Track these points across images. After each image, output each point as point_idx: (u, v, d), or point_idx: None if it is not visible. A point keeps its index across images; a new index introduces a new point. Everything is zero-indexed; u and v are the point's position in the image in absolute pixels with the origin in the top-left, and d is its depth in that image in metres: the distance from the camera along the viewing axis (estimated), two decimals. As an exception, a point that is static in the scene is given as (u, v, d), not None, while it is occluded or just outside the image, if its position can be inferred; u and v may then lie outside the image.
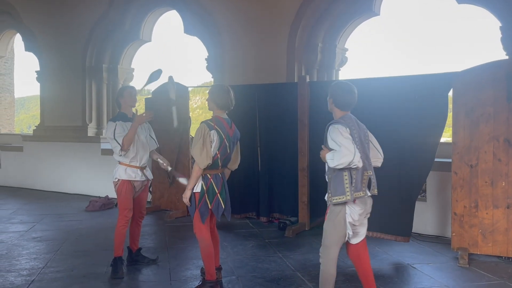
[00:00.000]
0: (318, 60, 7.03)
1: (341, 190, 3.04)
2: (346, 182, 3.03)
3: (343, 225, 3.09)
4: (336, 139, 3.00)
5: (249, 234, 5.68)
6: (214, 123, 3.58)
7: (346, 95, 3.17)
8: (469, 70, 4.64)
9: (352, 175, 3.03)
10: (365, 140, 3.20)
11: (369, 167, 3.15)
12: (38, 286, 3.89)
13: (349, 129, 3.05)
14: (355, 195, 3.05)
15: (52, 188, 9.03)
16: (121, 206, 4.19)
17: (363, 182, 3.11)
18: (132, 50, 9.41)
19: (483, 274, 4.21)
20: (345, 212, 3.07)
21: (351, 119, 3.17)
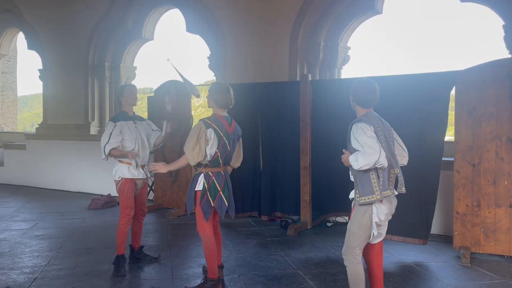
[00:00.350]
0: (320, 59, 7.01)
1: (369, 190, 2.94)
2: (374, 181, 2.94)
3: (369, 225, 3.00)
4: (359, 138, 2.91)
5: (251, 233, 5.68)
6: (211, 121, 3.59)
7: (367, 93, 3.10)
8: (472, 68, 4.63)
9: (379, 173, 2.94)
10: (390, 138, 3.11)
11: (395, 165, 3.06)
12: (40, 283, 3.91)
13: (373, 127, 2.96)
14: (384, 194, 2.96)
15: (54, 186, 9.06)
16: (123, 205, 4.21)
17: (390, 180, 3.03)
18: (135, 48, 9.41)
19: (485, 273, 4.21)
20: (372, 212, 2.98)
21: (375, 116, 3.09)
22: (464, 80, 4.63)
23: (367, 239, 3.05)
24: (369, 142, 2.87)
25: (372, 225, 3.01)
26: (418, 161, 4.80)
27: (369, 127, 2.94)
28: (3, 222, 6.24)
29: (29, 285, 3.87)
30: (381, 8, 6.83)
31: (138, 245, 4.49)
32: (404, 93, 4.93)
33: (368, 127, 2.94)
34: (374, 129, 2.97)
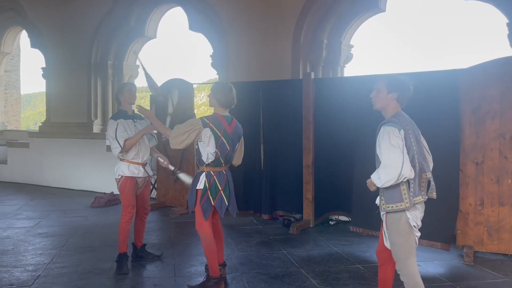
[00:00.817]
0: (323, 57, 7.00)
1: (398, 197, 2.76)
2: (403, 187, 2.75)
3: (409, 230, 2.79)
4: (382, 145, 2.75)
5: (253, 231, 5.68)
6: (209, 120, 3.59)
7: (407, 90, 2.90)
8: (476, 67, 4.61)
9: (410, 180, 2.76)
10: (420, 139, 2.93)
11: (427, 168, 2.86)
12: (43, 281, 3.92)
13: (403, 131, 2.75)
14: (414, 200, 2.77)
15: (57, 184, 9.08)
16: (124, 203, 4.22)
17: (422, 185, 2.83)
18: (137, 47, 9.42)
19: (488, 272, 4.19)
20: (407, 217, 2.78)
21: (405, 116, 2.89)
22: (467, 78, 4.61)
23: (414, 245, 2.82)
24: (391, 153, 2.70)
25: (412, 229, 2.80)
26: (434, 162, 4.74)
27: (398, 131, 2.73)
28: (6, 220, 6.26)
29: (32, 282, 3.88)
30: (384, 6, 6.81)
31: (141, 243, 4.50)
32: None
33: (397, 131, 2.73)
34: (404, 133, 2.76)
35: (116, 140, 4.10)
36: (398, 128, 2.75)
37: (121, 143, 4.09)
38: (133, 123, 4.27)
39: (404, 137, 2.75)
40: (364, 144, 5.32)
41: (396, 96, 2.87)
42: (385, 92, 2.89)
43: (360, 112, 5.35)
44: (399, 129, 2.75)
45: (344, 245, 5.05)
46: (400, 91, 2.88)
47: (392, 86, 2.88)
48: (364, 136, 5.31)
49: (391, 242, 2.86)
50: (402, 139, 2.73)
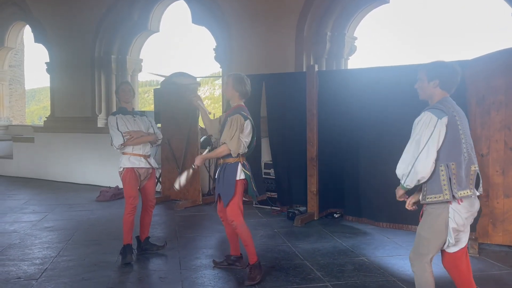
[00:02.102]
0: (327, 49, 6.97)
1: (437, 188, 2.53)
2: (443, 177, 2.52)
3: (444, 230, 2.57)
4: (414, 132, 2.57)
5: (258, 224, 5.70)
6: (247, 113, 3.73)
7: (455, 76, 2.68)
8: (480, 58, 4.57)
9: (451, 169, 2.52)
10: (468, 129, 2.69)
11: (475, 160, 2.64)
12: (50, 274, 3.96)
13: (446, 117, 2.53)
14: (460, 194, 2.53)
15: (63, 179, 9.13)
16: (126, 194, 4.27)
17: (470, 178, 2.58)
18: (141, 41, 9.42)
19: (493, 264, 4.19)
20: (448, 216, 2.55)
21: (452, 103, 2.65)
22: (472, 69, 4.57)
23: (441, 246, 2.64)
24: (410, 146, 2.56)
25: (448, 231, 2.57)
26: None
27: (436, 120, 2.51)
28: (13, 214, 6.31)
29: (40, 276, 3.92)
30: (388, -3, 6.77)
31: (145, 235, 4.53)
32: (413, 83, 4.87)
33: (435, 120, 2.51)
34: (448, 119, 2.53)
35: (118, 131, 4.17)
36: (438, 116, 2.52)
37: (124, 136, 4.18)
38: (132, 118, 4.33)
39: (447, 124, 2.53)
40: (369, 135, 5.32)
41: (437, 82, 2.65)
42: (425, 81, 2.70)
43: (364, 104, 5.34)
44: (440, 116, 2.52)
45: (349, 238, 5.06)
46: (441, 77, 2.65)
47: (432, 73, 2.68)
48: (368, 128, 5.31)
49: (419, 233, 2.68)
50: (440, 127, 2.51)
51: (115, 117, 4.24)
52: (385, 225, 5.11)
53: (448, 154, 2.54)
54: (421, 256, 2.67)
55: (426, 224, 2.64)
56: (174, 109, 7.02)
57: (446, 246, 2.65)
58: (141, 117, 4.42)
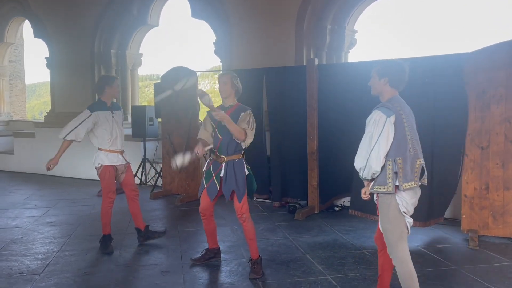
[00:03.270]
0: (327, 43, 6.95)
1: (383, 180, 2.78)
2: (389, 171, 2.76)
3: (399, 216, 2.80)
4: (367, 129, 2.81)
5: (259, 217, 5.72)
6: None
7: (403, 73, 2.89)
8: (481, 50, 4.56)
9: (398, 163, 2.75)
10: (415, 126, 2.92)
11: (420, 154, 2.87)
12: (53, 269, 3.99)
13: (394, 116, 2.75)
14: (405, 186, 2.76)
15: (64, 174, 9.15)
16: (105, 190, 4.50)
17: (415, 171, 2.82)
18: (140, 35, 9.40)
19: (493, 256, 4.21)
20: (397, 203, 2.79)
21: (400, 101, 2.88)
22: (473, 62, 4.57)
23: (405, 230, 2.83)
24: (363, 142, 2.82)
25: (402, 215, 2.80)
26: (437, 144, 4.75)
27: (386, 118, 2.73)
28: (15, 210, 6.34)
29: (42, 270, 3.95)
30: (389, -10, 6.73)
31: (143, 225, 4.65)
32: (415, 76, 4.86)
33: (384, 118, 2.73)
34: (395, 118, 2.75)
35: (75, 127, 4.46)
36: (387, 114, 2.75)
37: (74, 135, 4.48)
38: (111, 114, 4.48)
39: (395, 122, 2.76)
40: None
41: (387, 80, 2.88)
42: (376, 79, 2.92)
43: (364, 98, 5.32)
44: (388, 115, 2.75)
45: (349, 231, 5.08)
46: (391, 75, 2.87)
47: (382, 71, 2.90)
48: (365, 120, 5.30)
49: (382, 227, 2.90)
50: (388, 125, 2.73)
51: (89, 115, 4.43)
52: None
53: (395, 150, 2.76)
54: (393, 246, 2.84)
55: (383, 216, 2.87)
56: (174, 103, 7.01)
57: (410, 229, 2.85)
58: (118, 111, 4.62)
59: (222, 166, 3.77)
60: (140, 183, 8.01)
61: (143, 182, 8.02)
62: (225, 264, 4.07)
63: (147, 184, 8.02)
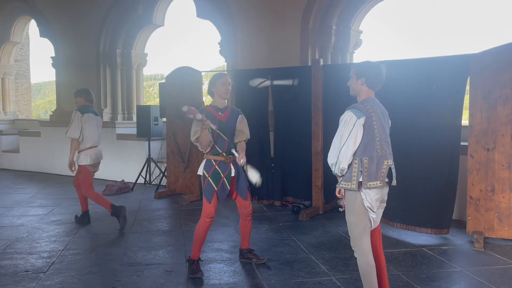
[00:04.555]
0: (332, 43, 6.94)
1: (349, 177, 2.91)
2: (355, 170, 2.89)
3: (364, 211, 2.91)
4: (339, 127, 2.94)
5: (263, 218, 5.72)
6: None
7: (380, 74, 2.98)
8: (487, 51, 4.54)
9: (364, 163, 2.87)
10: (387, 126, 3.02)
11: (389, 156, 2.96)
12: (58, 267, 4.00)
13: (364, 118, 2.84)
14: (369, 184, 2.88)
15: (69, 173, 9.12)
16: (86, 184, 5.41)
17: (382, 171, 2.91)
18: (145, 35, 9.41)
19: (498, 258, 4.19)
20: (362, 198, 2.91)
21: (373, 102, 2.97)
22: (479, 63, 4.55)
23: (368, 224, 2.95)
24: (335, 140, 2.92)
25: (366, 210, 2.92)
26: (436, 147, 4.75)
27: (356, 119, 2.84)
28: (20, 208, 6.37)
29: (47, 269, 3.97)
30: (394, -10, 6.71)
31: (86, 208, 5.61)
32: (419, 77, 4.86)
33: (354, 119, 2.85)
34: (365, 119, 2.85)
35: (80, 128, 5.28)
36: (357, 116, 2.85)
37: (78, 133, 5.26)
38: (94, 116, 5.43)
39: (364, 124, 2.85)
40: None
41: (364, 81, 2.96)
42: (354, 79, 3.01)
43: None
44: (359, 116, 2.85)
45: (354, 232, 5.06)
46: (367, 76, 2.95)
47: (359, 72, 2.99)
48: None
49: (348, 220, 3.02)
50: (358, 126, 2.84)
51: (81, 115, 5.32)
52: (398, 225, 5.05)
53: (363, 150, 2.88)
54: (356, 239, 2.96)
55: (349, 211, 2.98)
56: (179, 103, 7.01)
57: (373, 224, 2.96)
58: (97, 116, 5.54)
59: (230, 166, 3.80)
60: (145, 183, 8.03)
61: (148, 181, 8.04)
62: (229, 264, 4.07)
63: (152, 183, 8.04)
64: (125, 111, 9.35)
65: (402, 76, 4.96)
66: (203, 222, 3.78)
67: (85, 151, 5.32)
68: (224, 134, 3.77)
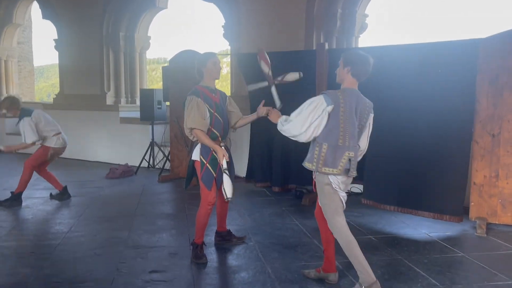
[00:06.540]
0: (337, 27, 6.86)
1: (311, 159, 3.09)
2: (316, 153, 3.05)
3: (333, 192, 3.07)
4: (304, 105, 3.02)
5: (266, 202, 5.75)
6: None
7: (367, 65, 3.04)
8: (495, 36, 4.48)
9: (323, 149, 3.02)
10: (362, 120, 3.09)
11: (352, 148, 3.05)
12: (63, 249, 4.04)
13: (332, 106, 2.95)
14: (323, 169, 3.03)
15: (73, 156, 9.20)
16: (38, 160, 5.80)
17: (341, 161, 3.02)
18: (149, 18, 9.33)
19: (500, 244, 4.21)
20: (330, 181, 3.06)
21: (351, 94, 3.03)
22: (487, 48, 4.49)
23: (340, 204, 3.10)
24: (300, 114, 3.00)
25: (336, 191, 3.06)
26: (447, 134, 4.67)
27: (326, 106, 2.95)
28: (25, 191, 6.39)
29: (52, 250, 4.01)
30: (401, -27, 6.60)
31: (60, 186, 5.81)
32: (426, 62, 4.79)
33: (324, 105, 2.95)
34: (333, 109, 2.95)
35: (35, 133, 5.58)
36: (327, 103, 2.95)
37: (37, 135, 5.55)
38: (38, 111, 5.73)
39: (331, 112, 2.96)
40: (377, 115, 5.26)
41: (349, 69, 3.02)
42: (341, 67, 3.07)
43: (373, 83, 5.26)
44: (328, 103, 2.95)
45: (356, 217, 5.08)
46: (353, 65, 3.00)
47: (347, 60, 3.04)
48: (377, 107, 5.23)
49: (320, 202, 3.17)
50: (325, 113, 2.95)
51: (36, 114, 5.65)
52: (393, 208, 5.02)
53: (325, 137, 3.01)
54: (331, 219, 3.11)
55: (320, 194, 3.14)
56: (182, 87, 6.98)
57: (344, 202, 3.12)
58: None
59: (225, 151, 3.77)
60: (148, 166, 8.06)
61: (151, 165, 8.06)
62: (233, 247, 4.10)
63: (155, 167, 8.06)
64: (129, 94, 9.32)
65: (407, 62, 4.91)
66: (205, 210, 3.74)
67: (55, 136, 5.69)
68: (221, 117, 3.73)
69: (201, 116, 3.59)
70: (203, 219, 3.76)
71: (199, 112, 3.59)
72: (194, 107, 3.60)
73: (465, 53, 4.57)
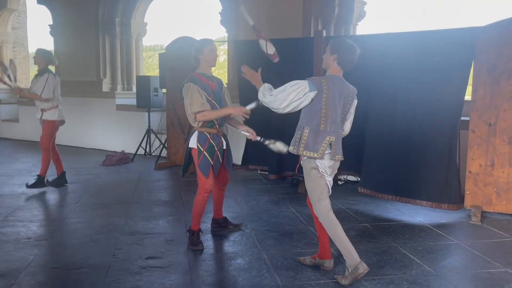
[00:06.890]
0: (335, 14, 6.80)
1: (293, 141, 3.18)
2: (298, 136, 3.14)
3: (319, 177, 3.12)
4: (288, 85, 3.05)
5: (262, 190, 5.76)
6: None
7: (354, 55, 3.08)
8: (492, 25, 4.46)
9: (304, 133, 3.10)
10: (345, 106, 3.14)
11: (333, 133, 3.10)
12: (60, 235, 4.05)
13: (315, 92, 3.00)
14: (305, 153, 3.10)
15: (69, 143, 9.18)
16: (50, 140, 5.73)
17: (322, 145, 3.07)
18: (145, 4, 9.22)
19: (494, 232, 4.24)
20: (316, 165, 3.11)
21: (335, 81, 3.07)
22: (484, 36, 4.47)
23: (326, 188, 3.16)
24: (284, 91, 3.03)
25: (322, 175, 3.12)
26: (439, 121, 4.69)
27: (309, 91, 3.00)
28: (21, 177, 6.39)
29: (49, 236, 4.01)
30: (400, -40, 6.54)
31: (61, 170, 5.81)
32: (423, 50, 4.77)
33: (307, 90, 3.00)
34: (316, 95, 3.00)
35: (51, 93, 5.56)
36: (310, 89, 3.00)
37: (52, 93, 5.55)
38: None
39: (313, 98, 3.02)
40: (375, 103, 5.27)
41: (336, 57, 3.06)
42: (328, 53, 3.11)
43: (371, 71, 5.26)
44: (311, 89, 3.00)
45: (352, 204, 5.11)
46: (340, 54, 3.04)
47: (334, 47, 3.08)
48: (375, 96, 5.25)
49: (307, 186, 3.23)
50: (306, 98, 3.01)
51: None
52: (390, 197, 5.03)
53: (307, 121, 3.11)
54: (316, 203, 3.16)
55: (307, 178, 3.19)
56: (179, 74, 6.94)
57: (330, 187, 3.20)
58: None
59: (222, 138, 3.78)
60: (145, 154, 8.05)
61: (148, 152, 8.05)
62: (229, 234, 4.12)
63: (152, 154, 8.05)
64: (125, 81, 9.26)
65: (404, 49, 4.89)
66: (201, 198, 3.74)
67: (54, 109, 5.65)
68: (218, 104, 3.72)
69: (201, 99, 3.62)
70: (199, 206, 3.77)
71: (200, 96, 3.62)
72: (194, 92, 3.61)
73: (463, 42, 4.56)
